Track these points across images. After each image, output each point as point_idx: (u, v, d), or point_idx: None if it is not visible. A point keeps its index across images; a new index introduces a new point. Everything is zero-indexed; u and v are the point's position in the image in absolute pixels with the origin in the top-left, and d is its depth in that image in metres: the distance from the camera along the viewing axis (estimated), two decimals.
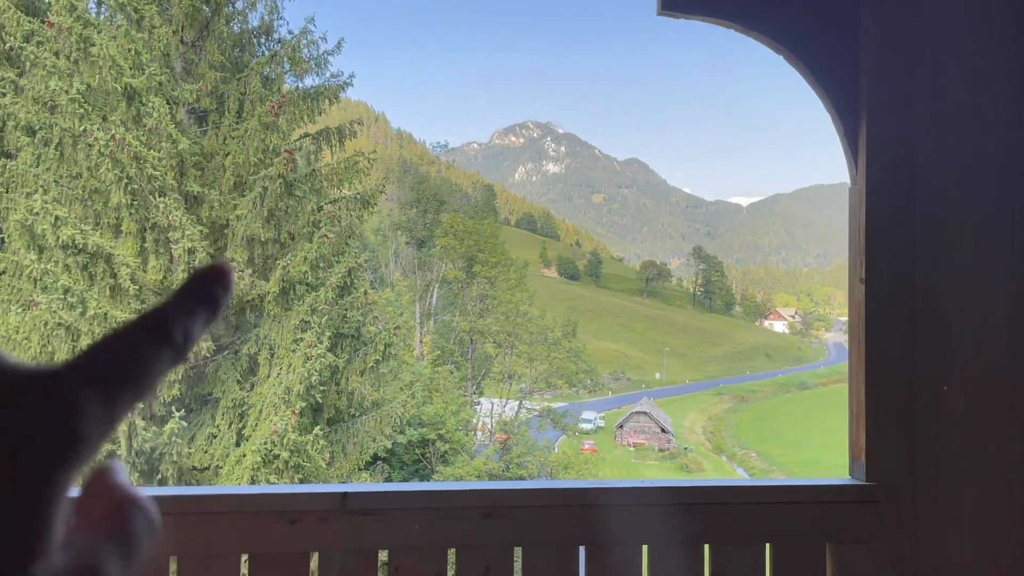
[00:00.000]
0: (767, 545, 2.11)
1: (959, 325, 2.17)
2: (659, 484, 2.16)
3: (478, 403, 44.61)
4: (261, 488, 2.04)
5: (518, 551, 2.04)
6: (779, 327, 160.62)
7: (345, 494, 1.94)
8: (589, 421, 63.41)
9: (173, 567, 1.91)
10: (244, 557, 1.92)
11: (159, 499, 1.96)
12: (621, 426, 65.74)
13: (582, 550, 2.05)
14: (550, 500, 2.09)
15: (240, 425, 13.37)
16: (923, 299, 2.16)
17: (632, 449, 62.59)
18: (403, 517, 1.98)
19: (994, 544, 2.13)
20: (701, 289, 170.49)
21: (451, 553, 2.01)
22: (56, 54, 12.97)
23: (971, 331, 2.18)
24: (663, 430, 63.97)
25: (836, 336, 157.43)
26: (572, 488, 2.13)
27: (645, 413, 65.10)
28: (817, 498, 2.16)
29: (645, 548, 2.08)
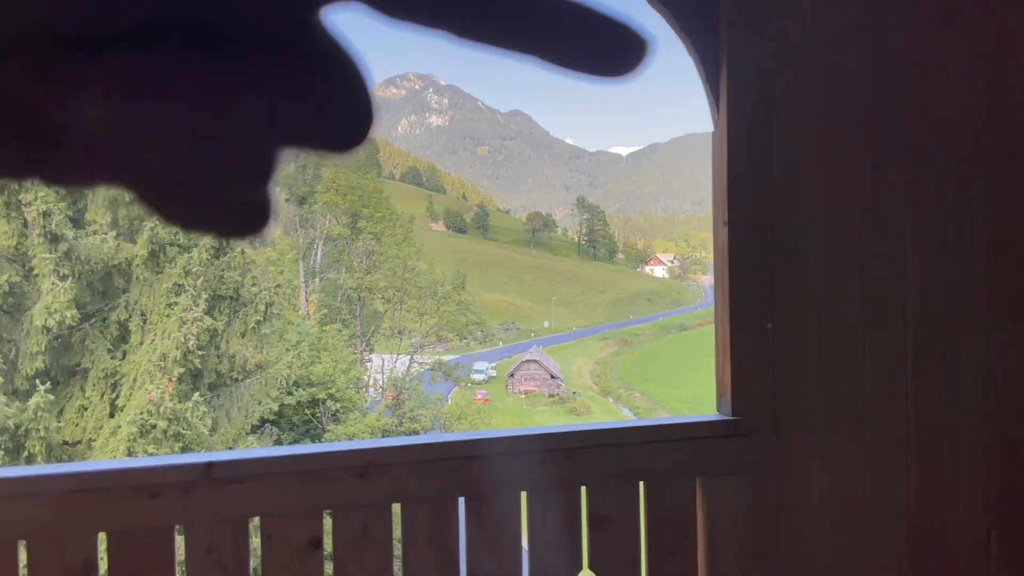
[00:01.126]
0: (641, 483, 2.17)
1: (815, 264, 2.27)
2: (535, 431, 2.18)
3: (369, 360, 44.19)
4: (116, 462, 1.92)
5: (397, 508, 2.01)
6: (659, 272, 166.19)
7: (210, 463, 1.85)
8: (481, 372, 64.05)
9: (23, 552, 1.78)
10: (102, 535, 1.81)
11: (10, 481, 1.82)
12: (512, 375, 66.78)
13: (462, 501, 2.05)
14: (427, 455, 2.07)
15: (113, 396, 12.73)
16: (781, 240, 2.24)
17: (523, 396, 63.79)
18: (274, 483, 1.91)
19: (849, 473, 2.26)
20: (586, 238, 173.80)
21: (327, 516, 1.96)
22: None
23: (826, 269, 2.28)
24: (552, 376, 65.45)
25: (712, 279, 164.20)
26: (449, 441, 2.12)
27: (535, 361, 66.33)
28: (687, 435, 2.23)
29: (524, 495, 2.10)
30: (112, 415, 12.61)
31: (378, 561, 1.97)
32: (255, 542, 1.94)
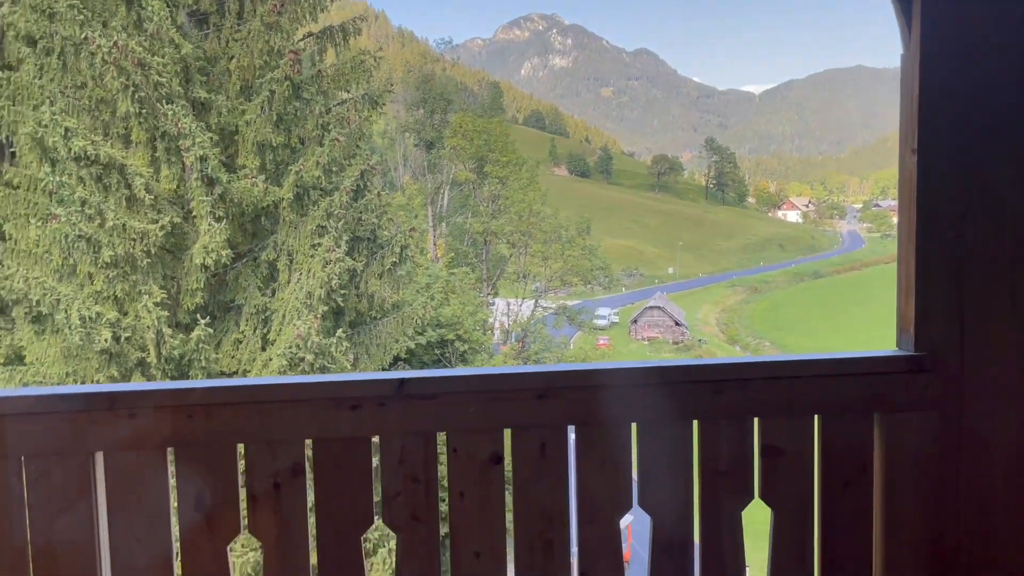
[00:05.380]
0: (816, 416, 2.15)
1: (1010, 194, 2.13)
2: (709, 362, 2.19)
3: (493, 303, 45.06)
4: (321, 377, 2.09)
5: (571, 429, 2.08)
6: (792, 217, 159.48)
7: (402, 380, 1.98)
8: (604, 317, 64.05)
9: (242, 450, 1.97)
10: (308, 442, 1.98)
11: (219, 389, 2.01)
12: (635, 321, 66.40)
13: (634, 427, 2.10)
14: (602, 380, 2.12)
15: (264, 330, 13.57)
16: (976, 171, 2.12)
17: (646, 343, 63.42)
18: (459, 400, 2.02)
19: None
20: (714, 182, 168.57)
21: (507, 433, 2.06)
22: None
23: (1021, 201, 2.14)
24: (677, 323, 64.62)
25: (850, 225, 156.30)
26: (622, 368, 2.16)
27: (659, 307, 65.63)
28: (865, 369, 2.18)
29: (695, 423, 2.12)
30: (264, 348, 13.48)
31: (554, 478, 2.05)
32: (441, 455, 2.06)
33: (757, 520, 2.27)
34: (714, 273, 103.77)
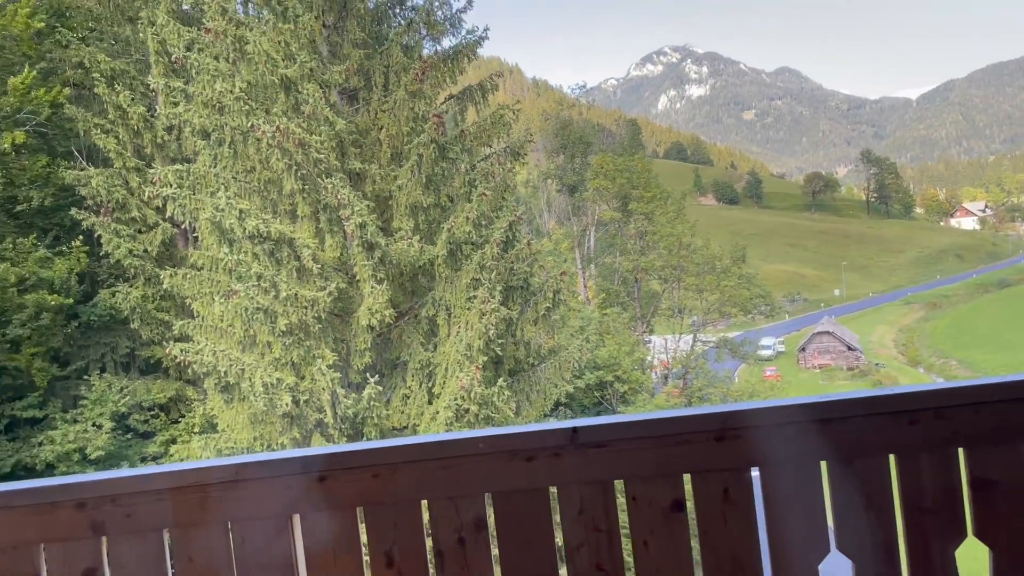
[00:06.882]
0: None
1: None
2: (901, 390, 2.02)
3: (649, 341, 44.32)
4: (494, 430, 2.11)
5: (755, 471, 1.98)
6: (968, 224, 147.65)
7: (575, 428, 1.95)
8: (768, 347, 61.46)
9: (425, 510, 2.01)
10: (487, 496, 1.99)
11: (400, 448, 2.06)
12: (803, 349, 63.27)
13: (823, 465, 1.96)
14: (782, 417, 2.01)
15: (429, 384, 14.00)
16: None
17: (818, 371, 60.18)
18: (634, 447, 1.97)
19: None
20: (875, 195, 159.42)
21: (686, 479, 1.98)
22: (216, 57, 13.83)
23: None
24: (850, 348, 60.97)
25: None
26: (803, 403, 2.03)
27: (828, 332, 62.24)
28: None
29: (892, 457, 1.96)
30: (430, 402, 13.90)
31: (742, 524, 1.95)
32: (620, 503, 2.01)
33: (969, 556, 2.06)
34: (885, 291, 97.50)
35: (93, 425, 15.95)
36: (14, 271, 15.98)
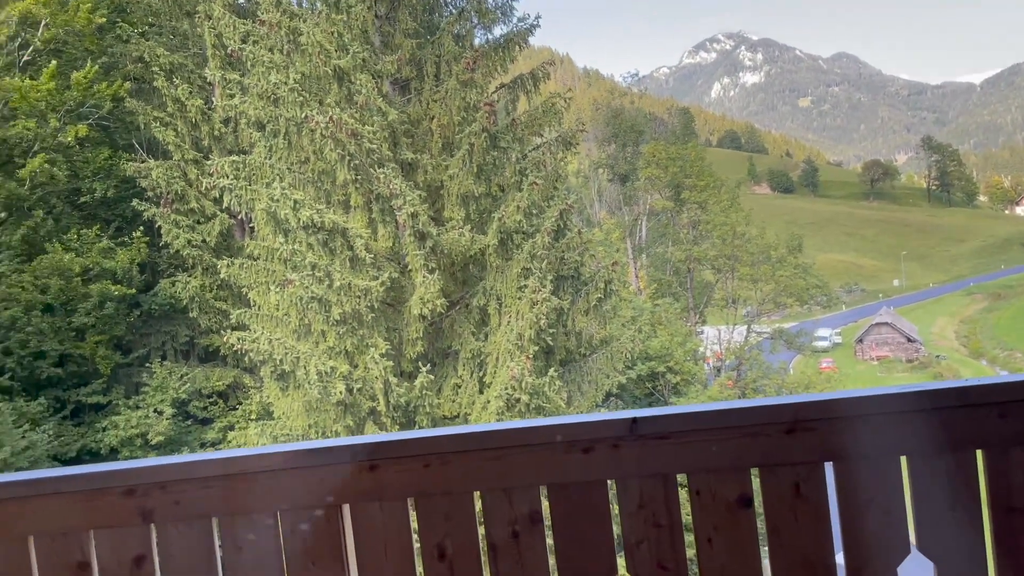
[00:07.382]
0: None
1: None
2: (988, 382, 1.88)
3: (702, 332, 43.69)
4: (551, 419, 2.03)
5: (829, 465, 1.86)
6: None
7: (635, 419, 1.86)
8: (824, 338, 60.13)
9: (478, 501, 1.94)
10: (543, 488, 1.92)
11: (453, 437, 2.00)
12: (860, 340, 61.76)
13: (903, 460, 1.84)
14: (858, 409, 1.89)
15: (480, 373, 14.00)
16: None
17: (876, 363, 58.69)
18: (697, 439, 1.87)
19: None
20: (936, 183, 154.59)
21: (754, 472, 1.88)
22: (270, 49, 13.98)
23: None
24: (909, 339, 59.32)
25: None
26: (881, 394, 1.91)
27: (887, 323, 60.62)
28: None
29: (979, 453, 1.83)
30: (481, 391, 13.90)
31: (814, 521, 1.84)
32: (683, 497, 1.91)
33: None
34: (946, 282, 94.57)
35: (154, 411, 16.37)
36: (79, 261, 16.46)
